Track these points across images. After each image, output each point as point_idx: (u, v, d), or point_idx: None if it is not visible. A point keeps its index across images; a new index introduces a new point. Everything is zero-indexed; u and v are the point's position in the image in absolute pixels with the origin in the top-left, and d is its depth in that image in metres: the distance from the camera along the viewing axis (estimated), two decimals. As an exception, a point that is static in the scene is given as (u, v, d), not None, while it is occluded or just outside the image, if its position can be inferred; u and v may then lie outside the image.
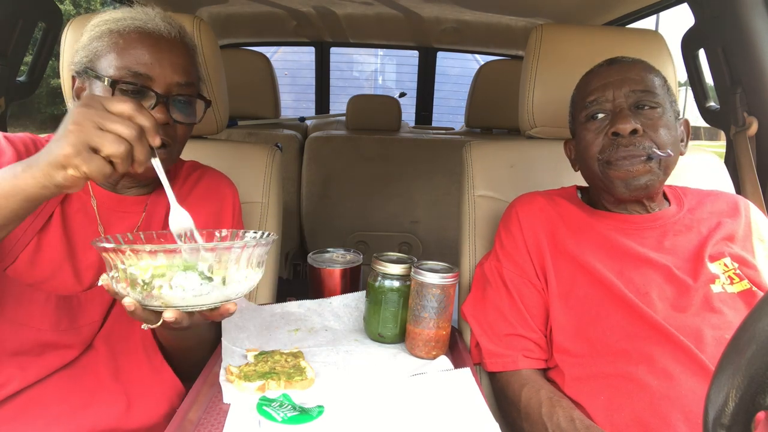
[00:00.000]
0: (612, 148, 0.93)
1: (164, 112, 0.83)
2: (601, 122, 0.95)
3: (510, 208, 1.08)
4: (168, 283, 0.64)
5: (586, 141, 0.97)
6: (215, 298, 0.68)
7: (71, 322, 0.82)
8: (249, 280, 0.71)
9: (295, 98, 3.81)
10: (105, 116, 0.61)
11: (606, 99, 0.95)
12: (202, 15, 2.29)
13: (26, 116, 7.30)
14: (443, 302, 0.93)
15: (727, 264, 0.92)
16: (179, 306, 0.67)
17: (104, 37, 0.84)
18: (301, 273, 2.70)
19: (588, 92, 0.98)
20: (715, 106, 1.44)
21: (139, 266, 0.64)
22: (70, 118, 0.61)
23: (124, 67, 0.82)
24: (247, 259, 0.69)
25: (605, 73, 0.97)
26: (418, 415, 0.74)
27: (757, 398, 0.40)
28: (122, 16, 0.85)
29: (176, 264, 0.64)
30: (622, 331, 0.87)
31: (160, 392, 0.88)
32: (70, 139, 0.60)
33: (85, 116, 0.61)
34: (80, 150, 0.60)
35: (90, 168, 0.61)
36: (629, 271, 0.92)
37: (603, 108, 0.95)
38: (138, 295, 0.65)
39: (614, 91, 0.94)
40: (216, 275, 0.67)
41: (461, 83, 3.41)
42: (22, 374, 0.78)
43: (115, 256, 0.65)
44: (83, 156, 0.60)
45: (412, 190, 2.41)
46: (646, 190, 0.93)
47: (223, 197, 1.03)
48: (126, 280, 0.65)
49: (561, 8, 2.01)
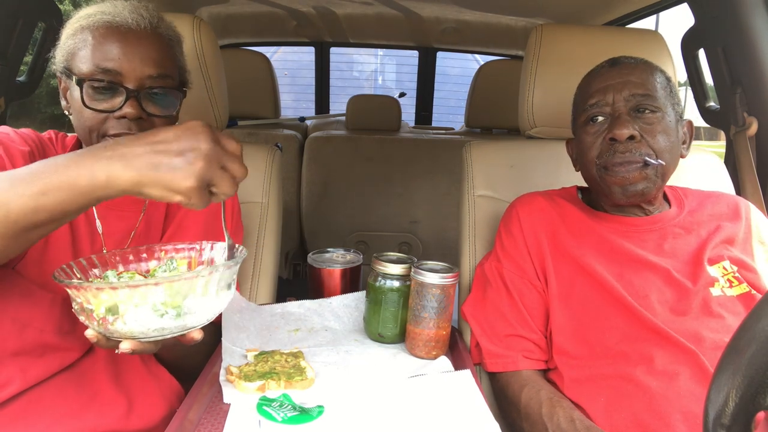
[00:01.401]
0: (609, 153, 0.92)
1: (135, 106, 0.82)
2: (600, 126, 0.95)
3: (510, 209, 1.08)
4: (121, 318, 0.63)
5: (584, 144, 0.97)
6: (173, 330, 0.67)
7: (73, 324, 0.82)
8: (210, 310, 0.69)
9: (295, 98, 3.81)
10: (228, 157, 0.62)
11: (606, 102, 0.94)
12: (202, 15, 2.29)
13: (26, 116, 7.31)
14: (443, 302, 0.93)
15: (726, 267, 0.92)
16: (138, 338, 0.66)
17: (77, 34, 0.83)
18: (301, 273, 2.70)
19: (589, 94, 0.98)
20: (715, 106, 1.44)
21: (91, 301, 0.63)
22: (200, 150, 0.60)
23: (93, 63, 0.81)
24: (204, 287, 0.67)
25: (606, 74, 0.97)
26: (419, 416, 0.74)
27: (757, 398, 0.40)
28: (93, 12, 0.84)
29: (125, 300, 0.63)
30: (622, 334, 0.87)
31: (159, 394, 0.88)
32: (198, 173, 0.59)
33: (215, 154, 0.60)
34: (202, 186, 0.60)
35: (200, 202, 0.61)
36: (629, 273, 0.92)
37: (602, 111, 0.95)
38: (97, 327, 0.65)
39: (614, 94, 0.94)
40: (170, 308, 0.65)
41: (461, 83, 3.40)
42: (23, 376, 0.78)
43: (69, 291, 0.64)
44: (202, 192, 0.60)
45: (412, 190, 2.41)
46: (642, 196, 0.93)
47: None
48: (83, 312, 0.65)
49: (561, 8, 2.01)
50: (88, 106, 0.81)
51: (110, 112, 0.82)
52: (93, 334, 0.66)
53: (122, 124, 0.82)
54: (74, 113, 0.84)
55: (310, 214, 2.45)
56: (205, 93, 1.20)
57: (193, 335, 0.70)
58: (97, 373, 0.84)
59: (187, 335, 0.69)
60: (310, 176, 2.41)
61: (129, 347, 0.66)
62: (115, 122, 0.82)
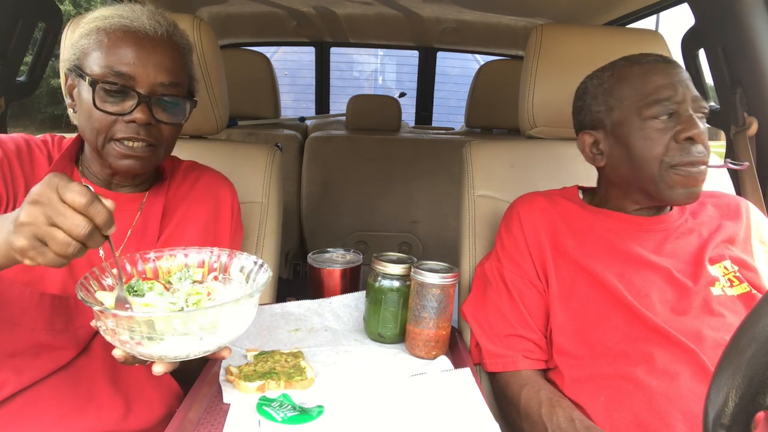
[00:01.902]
0: (682, 153, 0.89)
1: (146, 112, 0.82)
2: (667, 122, 0.91)
3: (511, 209, 1.07)
4: (156, 343, 0.63)
5: (649, 140, 0.91)
6: (205, 351, 0.67)
7: (66, 323, 0.81)
8: (241, 326, 0.70)
9: (295, 98, 3.81)
10: (55, 211, 0.57)
11: (675, 100, 0.90)
12: (202, 15, 2.29)
13: (26, 116, 7.29)
14: (443, 302, 0.93)
15: (727, 267, 0.92)
16: (169, 359, 0.66)
17: (92, 34, 0.83)
18: (301, 273, 2.70)
19: (654, 88, 0.91)
20: (715, 106, 1.44)
21: (128, 328, 0.62)
22: (23, 209, 0.58)
23: (107, 65, 0.81)
24: (239, 308, 0.67)
25: (669, 70, 0.92)
26: (418, 415, 0.74)
27: (757, 398, 0.40)
28: (110, 14, 0.84)
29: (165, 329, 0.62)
30: (622, 333, 0.87)
31: (158, 395, 0.87)
32: (24, 233, 0.58)
33: (36, 210, 0.58)
34: (34, 245, 0.58)
35: (45, 260, 0.59)
36: (629, 273, 0.92)
37: (670, 108, 0.91)
38: (128, 350, 0.64)
39: (684, 92, 0.90)
40: (207, 332, 0.65)
41: (461, 83, 3.40)
42: (17, 377, 0.78)
43: (100, 315, 0.63)
44: (37, 250, 0.58)
45: (412, 190, 2.41)
46: (699, 196, 0.92)
47: (221, 198, 1.01)
48: (113, 336, 0.64)
49: (561, 8, 2.01)
50: (99, 107, 0.81)
51: (120, 116, 0.81)
52: (121, 354, 0.66)
53: (131, 128, 0.82)
54: (82, 113, 0.84)
55: (310, 214, 2.45)
56: (205, 93, 1.20)
57: (223, 353, 0.70)
58: (94, 374, 0.83)
59: (218, 352, 0.70)
60: (310, 176, 2.41)
61: (162, 370, 0.66)
62: (124, 126, 0.82)
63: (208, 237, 0.96)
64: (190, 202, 0.97)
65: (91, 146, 0.86)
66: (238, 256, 0.80)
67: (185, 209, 0.96)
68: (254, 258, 0.79)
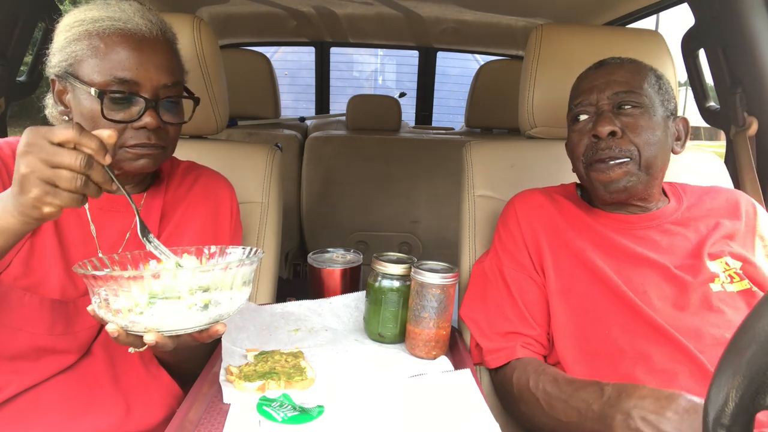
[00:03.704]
0: (593, 150, 0.95)
1: (155, 116, 0.81)
2: (585, 124, 0.98)
3: (508, 205, 1.08)
4: (149, 310, 0.64)
5: (572, 142, 1.00)
6: (199, 322, 0.67)
7: (67, 326, 0.81)
8: (234, 302, 0.70)
9: (295, 98, 3.81)
10: (50, 153, 0.60)
11: (590, 102, 0.97)
12: (202, 15, 2.29)
13: (26, 116, 7.29)
14: (443, 302, 0.93)
15: (729, 263, 0.92)
16: (163, 331, 0.66)
17: (82, 39, 0.80)
18: (301, 273, 2.70)
19: (575, 95, 1.01)
20: (715, 106, 1.44)
21: (119, 293, 0.63)
22: (19, 162, 0.60)
23: (108, 73, 0.79)
24: (231, 280, 0.68)
25: (592, 75, 1.00)
26: (418, 416, 0.74)
27: (757, 398, 0.40)
28: (99, 16, 0.81)
29: (156, 292, 0.63)
30: (621, 330, 0.87)
31: (158, 396, 0.87)
32: (30, 182, 0.59)
33: (32, 158, 0.59)
34: (46, 189, 0.60)
35: (63, 201, 0.61)
36: (627, 270, 0.92)
37: (587, 110, 0.98)
38: (121, 321, 0.65)
39: (597, 94, 0.96)
40: (199, 300, 0.66)
41: (461, 83, 3.41)
42: (19, 379, 0.77)
43: (95, 283, 0.65)
44: (50, 193, 0.60)
45: (412, 190, 2.41)
46: (626, 192, 0.94)
47: (220, 198, 1.01)
48: (107, 306, 0.65)
49: (561, 8, 2.01)
50: (107, 117, 0.79)
51: (129, 123, 0.81)
52: (114, 328, 0.66)
53: (141, 134, 0.82)
54: (83, 121, 0.81)
55: (310, 214, 2.45)
56: (205, 93, 1.20)
57: (218, 328, 0.70)
58: (95, 375, 0.83)
59: (212, 328, 0.70)
60: (310, 176, 2.41)
61: (153, 339, 0.65)
62: (134, 132, 0.82)
63: (207, 237, 0.96)
64: (189, 202, 0.97)
65: None
66: (231, 250, 0.81)
67: (184, 210, 0.96)
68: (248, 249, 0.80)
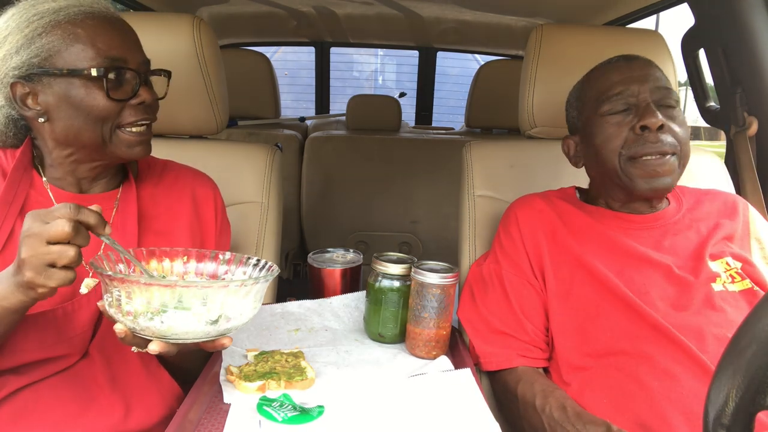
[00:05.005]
0: (638, 143, 0.91)
1: (150, 91, 0.83)
2: (624, 116, 0.93)
3: (509, 211, 1.08)
4: (159, 317, 0.64)
5: (606, 134, 0.94)
6: (207, 334, 0.67)
7: (59, 335, 0.79)
8: (244, 316, 0.70)
9: (295, 98, 3.81)
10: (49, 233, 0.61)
11: (631, 93, 0.93)
12: (202, 15, 2.29)
13: (26, 116, 7.26)
14: (443, 302, 0.93)
15: (730, 263, 0.92)
16: (169, 339, 0.66)
17: (52, 30, 0.76)
18: (301, 273, 2.70)
19: (609, 86, 0.96)
20: (715, 106, 1.44)
21: (132, 296, 0.64)
22: (21, 245, 0.63)
23: (98, 55, 0.77)
24: (244, 296, 0.68)
25: (626, 68, 0.96)
26: (419, 416, 0.74)
27: (757, 398, 0.40)
28: (60, 6, 0.77)
29: (169, 301, 0.64)
30: (622, 331, 0.87)
31: (158, 396, 0.87)
32: (28, 265, 0.62)
33: (33, 240, 0.62)
34: (40, 271, 0.62)
35: (57, 281, 0.63)
36: (629, 270, 0.92)
37: (627, 102, 0.94)
38: (130, 323, 0.65)
39: (639, 86, 0.93)
40: (210, 313, 0.65)
41: (461, 83, 3.40)
42: (17, 377, 0.77)
43: (110, 282, 0.65)
44: (46, 274, 0.62)
45: (412, 190, 2.41)
46: (668, 188, 0.93)
47: (203, 197, 0.98)
48: (118, 307, 0.65)
49: (561, 8, 2.01)
50: (112, 97, 0.79)
51: (126, 100, 0.81)
52: (122, 329, 0.66)
53: (139, 110, 0.82)
54: (72, 112, 0.79)
55: (310, 214, 2.45)
56: (205, 93, 1.20)
57: (224, 341, 0.70)
58: (94, 376, 0.82)
59: (218, 340, 0.69)
60: (310, 176, 2.41)
61: (157, 349, 0.66)
62: (132, 110, 0.82)
63: (196, 237, 0.94)
64: (170, 202, 0.94)
65: (89, 144, 0.82)
66: (247, 261, 0.80)
67: (166, 210, 0.93)
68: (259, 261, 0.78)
